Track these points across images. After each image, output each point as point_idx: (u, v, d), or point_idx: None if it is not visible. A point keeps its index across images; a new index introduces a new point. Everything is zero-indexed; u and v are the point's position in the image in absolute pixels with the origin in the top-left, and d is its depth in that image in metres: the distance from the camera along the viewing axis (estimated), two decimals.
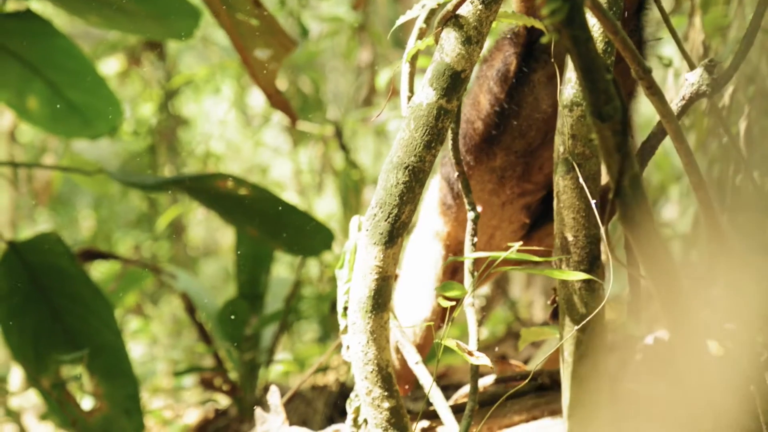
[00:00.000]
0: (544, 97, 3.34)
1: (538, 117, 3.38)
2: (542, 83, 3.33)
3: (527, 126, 3.39)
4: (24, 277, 4.78)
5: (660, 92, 2.57)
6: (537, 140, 3.44)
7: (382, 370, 2.93)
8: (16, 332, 4.79)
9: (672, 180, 7.53)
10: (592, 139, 2.81)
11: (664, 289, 2.11)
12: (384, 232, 2.83)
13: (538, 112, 3.37)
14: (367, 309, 2.89)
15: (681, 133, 2.65)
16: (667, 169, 7.43)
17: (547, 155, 3.47)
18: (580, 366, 2.92)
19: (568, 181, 2.86)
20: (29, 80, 4.93)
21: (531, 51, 3.30)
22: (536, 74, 3.32)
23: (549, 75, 3.30)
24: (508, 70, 3.32)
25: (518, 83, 3.31)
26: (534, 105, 3.35)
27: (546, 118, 3.38)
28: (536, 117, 3.37)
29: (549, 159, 3.47)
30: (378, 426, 2.97)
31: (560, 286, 2.94)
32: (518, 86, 3.31)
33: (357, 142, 7.56)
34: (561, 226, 2.90)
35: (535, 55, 3.30)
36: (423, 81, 2.83)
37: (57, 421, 6.07)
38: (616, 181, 2.01)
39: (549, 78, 3.31)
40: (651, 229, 2.07)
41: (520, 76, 3.31)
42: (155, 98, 8.44)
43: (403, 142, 2.82)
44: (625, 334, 3.29)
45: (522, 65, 3.30)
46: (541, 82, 3.33)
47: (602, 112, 1.97)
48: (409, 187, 2.81)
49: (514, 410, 3.53)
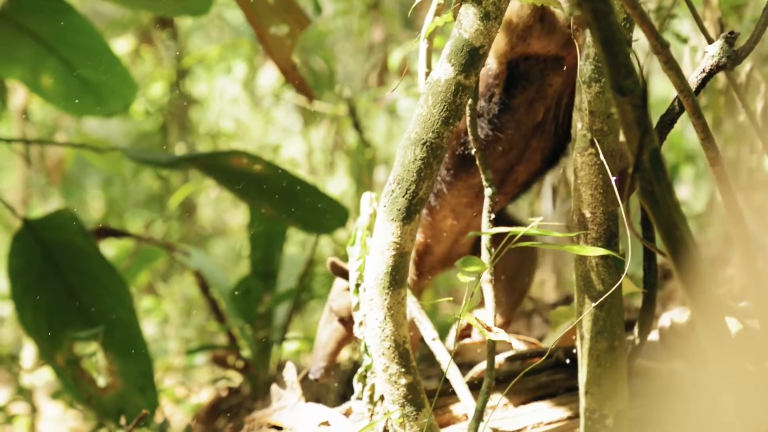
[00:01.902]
0: (525, 121, 3.41)
1: (519, 138, 3.47)
2: (523, 108, 3.38)
3: (508, 147, 3.48)
4: (38, 254, 4.79)
5: (677, 67, 2.56)
6: (516, 158, 3.55)
7: (399, 347, 2.93)
8: (31, 309, 4.81)
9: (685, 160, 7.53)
10: (610, 115, 2.81)
11: (683, 264, 2.11)
12: (401, 208, 2.83)
13: (519, 134, 3.45)
14: (384, 285, 2.89)
15: (698, 108, 2.65)
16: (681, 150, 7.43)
17: (523, 169, 3.58)
18: (598, 342, 2.92)
19: (586, 158, 2.86)
20: (43, 58, 4.92)
21: (512, 80, 3.33)
22: (516, 100, 3.35)
23: (529, 100, 3.38)
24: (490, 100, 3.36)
25: (500, 111, 3.36)
26: (515, 128, 3.42)
27: (526, 138, 3.48)
28: (517, 139, 3.46)
29: (524, 171, 3.60)
30: (395, 402, 2.97)
31: (577, 263, 2.94)
32: (500, 113, 3.36)
33: (369, 121, 7.55)
34: (578, 202, 2.90)
35: (515, 83, 3.33)
36: (441, 57, 2.82)
37: (68, 400, 6.10)
38: (636, 155, 2.00)
39: (529, 102, 3.38)
40: (671, 204, 2.06)
41: (501, 105, 3.35)
42: (166, 77, 8.44)
43: (421, 118, 2.82)
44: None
45: (503, 95, 3.34)
46: (522, 106, 3.37)
47: (622, 86, 1.97)
48: (426, 163, 2.81)
49: (530, 387, 3.53)
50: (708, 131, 2.68)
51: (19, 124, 7.52)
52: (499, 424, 3.39)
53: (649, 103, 2.03)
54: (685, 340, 3.69)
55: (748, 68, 4.11)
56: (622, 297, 2.96)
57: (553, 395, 3.52)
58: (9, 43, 4.88)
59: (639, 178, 2.02)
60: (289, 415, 3.48)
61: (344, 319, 3.78)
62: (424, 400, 2.99)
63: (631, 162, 2.01)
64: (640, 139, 1.98)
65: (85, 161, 8.63)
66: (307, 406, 3.55)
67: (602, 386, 2.93)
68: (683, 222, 2.08)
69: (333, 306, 3.81)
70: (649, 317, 3.24)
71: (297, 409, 3.53)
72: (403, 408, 2.96)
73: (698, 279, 2.15)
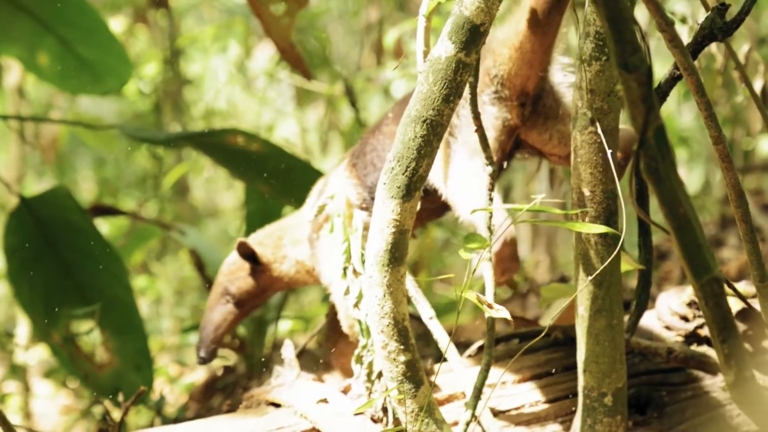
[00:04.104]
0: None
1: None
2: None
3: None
4: (35, 232, 4.79)
5: (682, 45, 2.57)
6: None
7: (399, 324, 2.93)
8: (27, 287, 4.81)
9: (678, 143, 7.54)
10: (610, 94, 2.82)
11: (686, 241, 2.12)
12: (401, 185, 2.83)
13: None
14: (384, 263, 2.89)
15: (702, 86, 2.65)
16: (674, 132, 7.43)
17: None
18: (596, 321, 2.93)
19: (585, 136, 2.86)
20: (40, 36, 4.91)
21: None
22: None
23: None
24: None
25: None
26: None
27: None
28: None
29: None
30: (394, 379, 2.97)
31: (576, 241, 2.94)
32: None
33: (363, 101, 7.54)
34: (578, 181, 2.90)
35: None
36: (442, 34, 2.82)
37: (60, 379, 6.11)
38: (641, 132, 2.01)
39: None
40: (675, 181, 2.07)
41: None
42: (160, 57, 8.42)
43: (421, 96, 2.81)
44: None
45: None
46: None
47: (628, 63, 1.97)
48: (426, 140, 2.81)
49: (527, 365, 3.55)
50: (711, 110, 2.68)
51: (13, 103, 7.49)
52: (498, 402, 3.40)
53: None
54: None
55: (746, 49, 4.12)
56: (621, 275, 2.97)
57: (551, 374, 3.54)
58: (6, 20, 4.86)
59: (643, 155, 2.02)
60: (287, 392, 3.49)
61: (240, 301, 3.79)
62: (423, 378, 3.00)
63: (636, 138, 2.01)
64: (645, 116, 1.98)
65: (77, 141, 8.61)
66: (305, 384, 3.56)
67: (600, 364, 2.95)
68: (687, 199, 2.09)
69: (230, 288, 3.80)
70: (645, 294, 3.26)
71: (295, 386, 3.53)
72: (402, 385, 2.97)
73: (701, 256, 2.16)
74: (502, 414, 3.39)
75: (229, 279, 3.83)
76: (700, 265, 2.17)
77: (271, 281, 3.87)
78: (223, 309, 3.81)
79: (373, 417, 3.30)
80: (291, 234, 3.87)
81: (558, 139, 3.53)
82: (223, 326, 3.80)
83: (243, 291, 3.81)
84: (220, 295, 3.83)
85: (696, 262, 2.17)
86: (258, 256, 3.82)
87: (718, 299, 2.23)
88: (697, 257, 2.16)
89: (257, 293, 3.86)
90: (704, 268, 2.18)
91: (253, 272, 3.82)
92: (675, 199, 2.07)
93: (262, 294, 3.90)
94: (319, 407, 3.35)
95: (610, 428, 2.97)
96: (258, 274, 3.83)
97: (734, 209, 2.80)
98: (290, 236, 3.87)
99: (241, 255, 3.81)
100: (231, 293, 3.80)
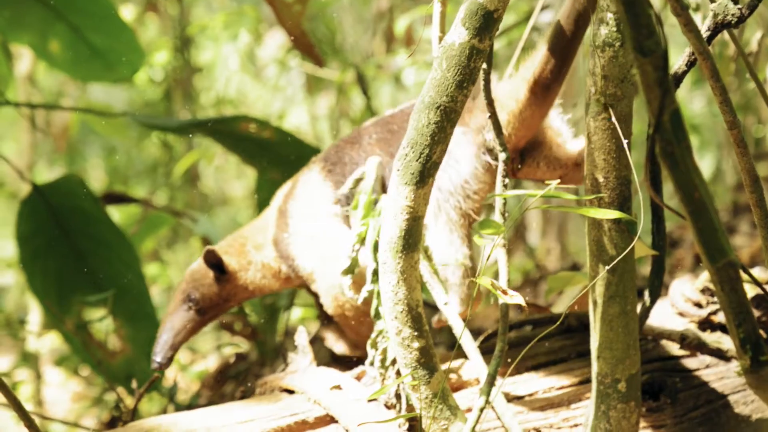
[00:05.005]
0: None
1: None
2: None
3: None
4: (47, 219, 4.79)
5: (697, 29, 2.56)
6: None
7: (412, 310, 2.94)
8: (40, 274, 4.81)
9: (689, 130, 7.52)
10: (624, 80, 2.81)
11: (702, 225, 2.11)
12: (415, 172, 2.83)
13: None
14: (397, 249, 2.89)
15: (716, 71, 2.64)
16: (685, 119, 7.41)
17: None
18: (610, 307, 2.92)
19: (599, 122, 2.85)
20: (52, 23, 4.91)
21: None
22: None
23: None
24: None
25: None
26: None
27: None
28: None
29: None
30: (408, 366, 2.98)
31: (590, 228, 2.94)
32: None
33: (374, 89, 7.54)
34: (592, 167, 2.89)
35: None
36: (455, 20, 2.81)
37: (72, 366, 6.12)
38: (657, 116, 2.01)
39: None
40: (691, 166, 2.07)
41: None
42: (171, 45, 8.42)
43: (435, 82, 2.81)
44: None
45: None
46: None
47: (644, 47, 1.97)
48: (440, 127, 2.81)
49: (540, 352, 3.55)
50: (726, 94, 2.68)
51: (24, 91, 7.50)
52: (511, 389, 3.41)
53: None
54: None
55: (759, 36, 4.10)
56: (635, 262, 2.96)
57: (564, 360, 3.54)
58: (18, 8, 4.86)
59: (659, 138, 2.02)
60: (301, 379, 3.49)
61: (202, 309, 3.78)
62: (437, 364, 3.00)
63: (652, 123, 2.01)
64: (661, 99, 1.98)
65: (86, 130, 8.62)
66: (318, 370, 3.57)
67: (614, 350, 2.94)
68: (702, 183, 2.08)
69: (193, 294, 3.78)
70: (659, 280, 3.25)
71: (308, 373, 3.54)
72: (416, 371, 2.97)
73: (716, 240, 2.16)
74: (516, 400, 3.39)
75: (194, 286, 3.80)
76: (716, 250, 2.17)
77: (235, 290, 3.85)
78: (184, 316, 3.78)
79: (386, 403, 3.30)
80: (253, 239, 3.87)
81: (546, 164, 3.64)
82: (182, 333, 3.77)
83: (206, 299, 3.79)
84: (182, 301, 3.80)
85: (712, 247, 2.17)
86: (224, 265, 3.80)
87: (733, 284, 2.23)
88: (713, 241, 2.16)
89: (220, 302, 3.84)
90: (720, 252, 2.18)
91: (218, 281, 3.81)
92: (691, 183, 2.07)
93: (225, 303, 3.87)
94: (332, 394, 3.35)
95: (623, 414, 2.96)
96: (223, 282, 3.81)
97: (749, 194, 2.79)
98: (253, 242, 3.86)
99: (206, 263, 3.79)
100: (193, 300, 3.78)
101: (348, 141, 3.79)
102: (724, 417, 3.50)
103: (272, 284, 3.88)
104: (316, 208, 3.73)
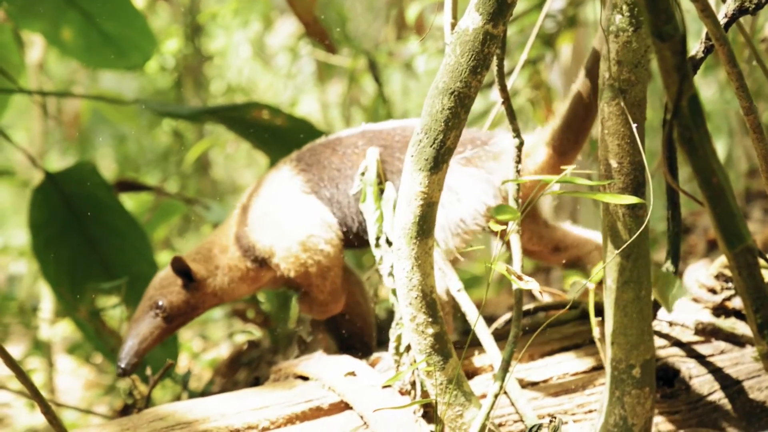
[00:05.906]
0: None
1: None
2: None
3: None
4: (60, 207, 4.79)
5: (713, 15, 2.55)
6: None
7: (427, 296, 2.94)
8: (53, 262, 4.81)
9: None
10: (638, 65, 2.80)
11: (719, 210, 2.11)
12: (429, 157, 2.83)
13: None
14: (411, 235, 2.89)
15: (733, 56, 2.64)
16: None
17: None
18: (624, 293, 2.92)
19: (613, 108, 2.85)
20: (64, 11, 4.89)
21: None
22: None
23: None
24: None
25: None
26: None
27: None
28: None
29: None
30: (422, 352, 2.98)
31: (604, 213, 2.93)
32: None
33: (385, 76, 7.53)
34: (605, 152, 2.89)
35: None
36: (469, 6, 2.81)
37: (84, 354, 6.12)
38: (675, 101, 2.00)
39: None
40: (709, 151, 2.06)
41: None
42: (181, 33, 8.41)
43: (448, 68, 2.81)
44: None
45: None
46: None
47: (662, 32, 1.96)
48: (454, 112, 2.80)
49: (554, 338, 3.55)
50: (743, 80, 2.67)
51: (36, 79, 7.49)
52: (525, 375, 3.41)
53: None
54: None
55: None
56: (649, 247, 2.96)
57: (578, 346, 3.54)
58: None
59: (677, 124, 2.02)
60: (315, 365, 3.50)
61: (170, 317, 3.76)
62: (452, 350, 3.00)
63: (669, 108, 2.01)
64: (680, 84, 1.98)
65: (97, 118, 8.62)
66: (332, 357, 3.57)
67: (628, 336, 2.93)
68: (720, 168, 2.08)
69: (160, 301, 3.76)
70: (674, 266, 3.25)
71: (323, 360, 3.54)
72: (431, 357, 2.97)
73: (734, 225, 2.15)
74: (531, 386, 3.39)
75: (161, 293, 3.78)
76: (734, 234, 2.17)
77: (204, 298, 3.82)
78: (151, 322, 3.76)
79: (401, 390, 3.31)
80: (219, 243, 3.86)
81: (528, 236, 3.81)
82: (148, 340, 3.74)
83: (174, 306, 3.76)
84: (149, 308, 3.78)
85: (729, 231, 2.16)
86: (192, 273, 3.78)
87: (751, 269, 2.23)
88: (731, 226, 2.15)
89: (188, 310, 3.81)
90: (738, 237, 2.18)
91: (186, 288, 3.79)
92: (709, 168, 2.06)
93: (193, 311, 3.84)
94: (346, 380, 3.36)
95: (638, 400, 2.96)
96: (191, 290, 3.80)
97: (765, 180, 2.79)
98: (218, 245, 3.85)
99: (175, 271, 3.77)
100: (161, 308, 3.75)
101: (327, 146, 3.79)
102: (738, 403, 3.49)
103: (240, 288, 3.85)
104: (280, 199, 3.74)
